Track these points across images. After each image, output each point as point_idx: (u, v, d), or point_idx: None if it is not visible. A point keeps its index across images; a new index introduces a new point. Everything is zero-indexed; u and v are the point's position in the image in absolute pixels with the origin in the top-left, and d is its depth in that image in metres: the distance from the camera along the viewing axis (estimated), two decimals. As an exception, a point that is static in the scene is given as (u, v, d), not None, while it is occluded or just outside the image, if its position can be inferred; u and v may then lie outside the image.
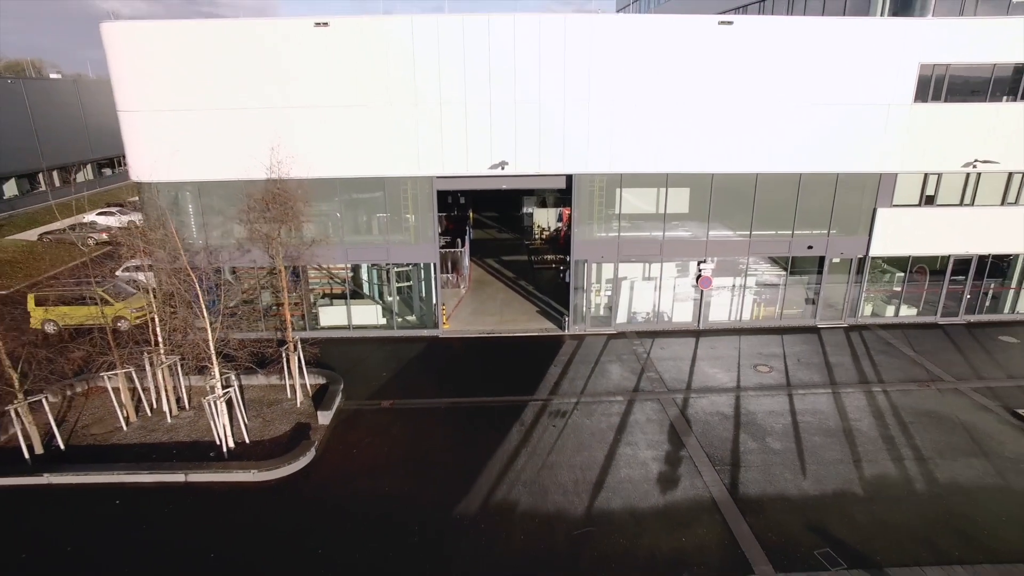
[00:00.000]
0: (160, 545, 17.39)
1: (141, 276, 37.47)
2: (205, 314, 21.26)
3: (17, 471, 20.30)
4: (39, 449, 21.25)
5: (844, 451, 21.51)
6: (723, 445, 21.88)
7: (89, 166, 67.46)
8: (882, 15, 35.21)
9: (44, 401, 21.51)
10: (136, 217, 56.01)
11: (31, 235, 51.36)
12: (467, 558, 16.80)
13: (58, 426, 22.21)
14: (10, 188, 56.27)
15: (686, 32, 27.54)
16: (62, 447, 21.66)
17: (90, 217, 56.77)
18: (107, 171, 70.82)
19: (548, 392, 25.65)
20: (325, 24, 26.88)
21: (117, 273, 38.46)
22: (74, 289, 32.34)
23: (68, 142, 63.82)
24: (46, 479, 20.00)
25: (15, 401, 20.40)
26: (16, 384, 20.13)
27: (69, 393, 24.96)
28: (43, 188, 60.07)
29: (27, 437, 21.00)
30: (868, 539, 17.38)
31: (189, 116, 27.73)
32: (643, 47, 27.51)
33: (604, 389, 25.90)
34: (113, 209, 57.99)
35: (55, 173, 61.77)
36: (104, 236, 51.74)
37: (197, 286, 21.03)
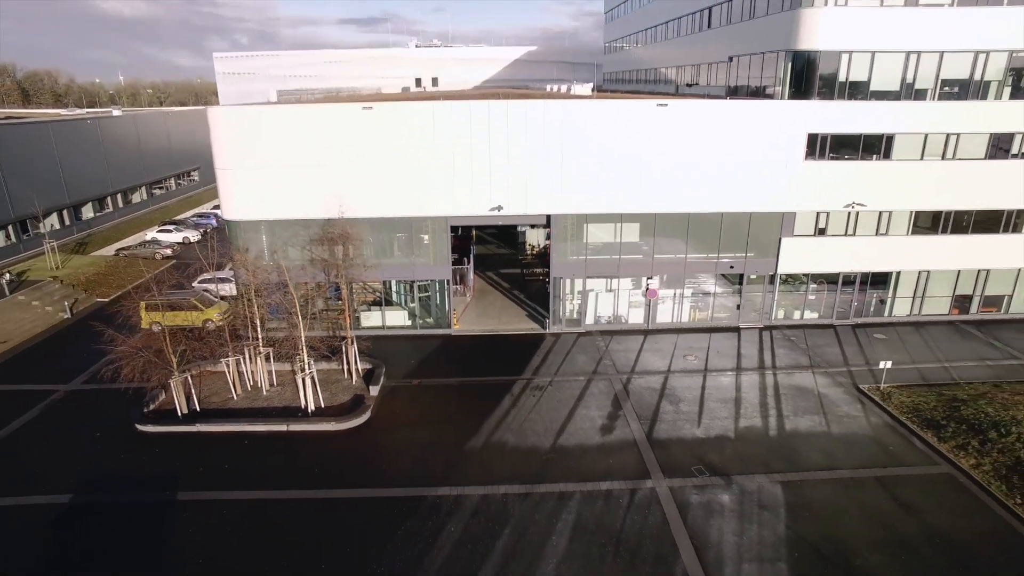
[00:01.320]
0: (281, 466, 27.51)
1: (213, 287, 47.79)
2: (300, 319, 31.42)
3: (177, 423, 30.48)
4: (184, 410, 31.38)
5: (730, 412, 31.64)
6: (648, 408, 32.01)
7: (143, 188, 77.65)
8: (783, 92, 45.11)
9: (188, 377, 31.68)
10: (191, 234, 66.56)
11: (109, 251, 61.53)
12: (475, 475, 26.89)
13: (188, 396, 32.39)
14: (87, 211, 66.38)
15: (634, 112, 37.69)
16: (198, 408, 31.81)
17: (151, 235, 67.01)
18: (156, 191, 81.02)
19: (531, 373, 35.81)
20: (370, 107, 36.98)
21: (193, 285, 48.69)
22: (173, 298, 42.51)
23: (128, 168, 74.04)
24: (198, 428, 30.19)
25: (173, 376, 30.55)
26: (175, 364, 30.29)
27: (194, 373, 35.00)
28: (111, 209, 70.21)
29: (179, 401, 31.15)
30: (727, 462, 27.51)
31: (266, 172, 37.82)
32: (602, 122, 37.66)
33: (571, 371, 36.06)
34: (170, 227, 68.16)
35: (119, 196, 71.94)
36: (168, 252, 61.95)
37: (296, 299, 31.16)
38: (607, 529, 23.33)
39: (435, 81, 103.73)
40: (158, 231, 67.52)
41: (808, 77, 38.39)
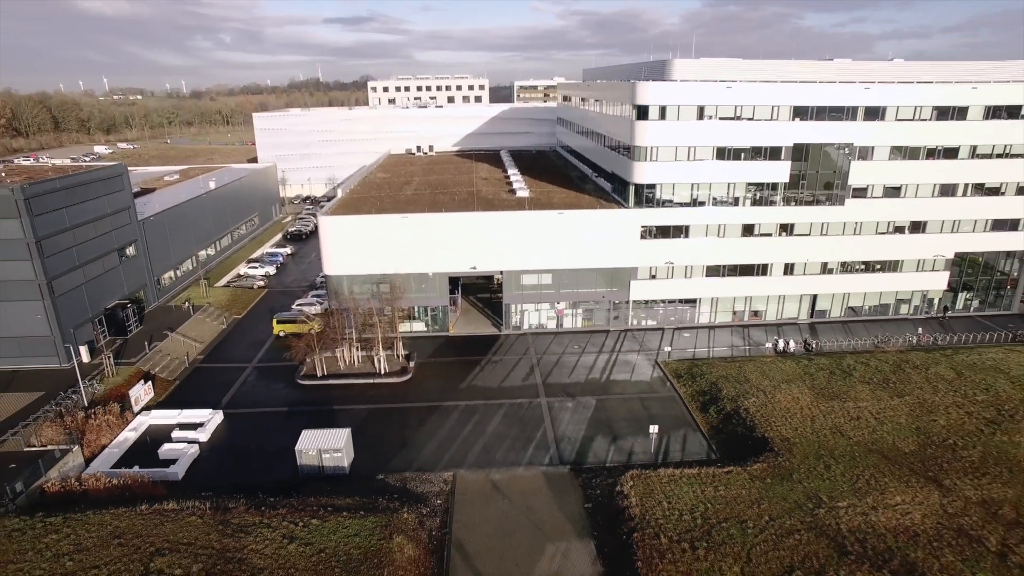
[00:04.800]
0: (371, 396, 60.66)
1: (307, 309, 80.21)
2: (381, 325, 64.50)
3: (318, 380, 63.56)
4: (321, 373, 64.33)
5: (587, 371, 65.13)
6: (547, 370, 65.47)
7: (230, 233, 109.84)
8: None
9: (320, 355, 64.87)
10: (270, 269, 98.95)
11: (222, 282, 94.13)
12: (461, 397, 60.14)
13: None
14: (202, 254, 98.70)
15: (544, 217, 71.07)
16: (326, 372, 64.81)
17: (243, 270, 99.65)
18: (236, 234, 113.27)
19: (492, 354, 69.19)
20: (407, 217, 69.98)
21: (292, 307, 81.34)
22: (289, 315, 75.31)
23: (224, 218, 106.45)
24: (329, 382, 63.29)
25: (314, 355, 63.54)
26: (316, 347, 63.29)
27: (324, 355, 67.61)
28: (214, 251, 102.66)
29: (318, 367, 64.13)
30: (576, 392, 60.97)
31: (356, 247, 70.67)
32: (529, 223, 70.97)
33: (512, 353, 69.49)
34: (256, 264, 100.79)
35: (219, 241, 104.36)
36: (262, 283, 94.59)
37: (380, 317, 64.25)
38: (517, 416, 56.76)
39: (431, 148, 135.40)
40: (247, 267, 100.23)
41: (640, 196, 72.02)
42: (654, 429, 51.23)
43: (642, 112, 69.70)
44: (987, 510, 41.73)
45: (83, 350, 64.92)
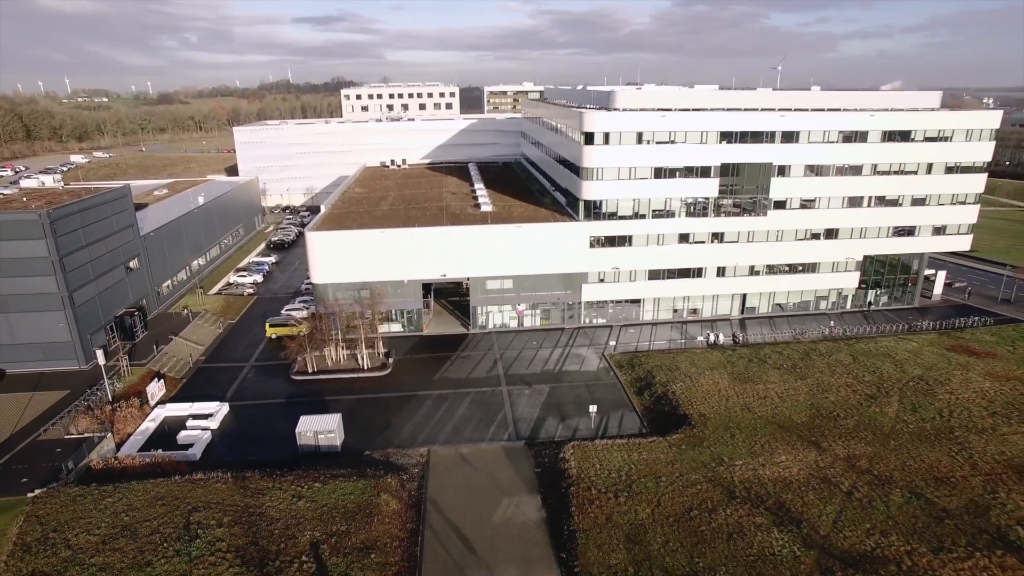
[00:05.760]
0: (356, 388, 70.45)
1: (295, 313, 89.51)
2: (363, 327, 74.29)
3: (309, 375, 73.16)
4: (312, 369, 73.89)
5: (543, 363, 75.64)
6: (509, 363, 75.84)
7: (218, 244, 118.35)
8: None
9: (311, 356, 74.44)
10: (258, 277, 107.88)
11: (214, 290, 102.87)
12: (434, 387, 70.21)
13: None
14: (195, 264, 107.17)
15: (504, 230, 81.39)
16: (316, 369, 74.39)
17: (233, 278, 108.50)
18: (223, 244, 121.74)
19: (460, 351, 79.37)
20: (384, 232, 79.84)
21: (282, 312, 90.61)
22: (280, 319, 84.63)
23: (213, 230, 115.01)
24: (318, 376, 72.93)
25: (306, 354, 73.12)
26: (307, 347, 72.87)
27: (313, 354, 77.05)
28: (205, 261, 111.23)
29: (309, 364, 73.71)
30: (532, 381, 71.42)
31: (339, 259, 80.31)
32: (493, 235, 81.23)
33: (478, 349, 79.75)
34: (244, 272, 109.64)
35: (209, 251, 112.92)
36: (251, 290, 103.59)
37: (362, 320, 74.01)
38: (482, 402, 67.01)
39: (404, 161, 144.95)
40: (236, 275, 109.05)
41: (589, 210, 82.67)
42: (593, 409, 61.78)
43: (589, 138, 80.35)
44: (848, 463, 53.04)
45: (99, 353, 73.63)
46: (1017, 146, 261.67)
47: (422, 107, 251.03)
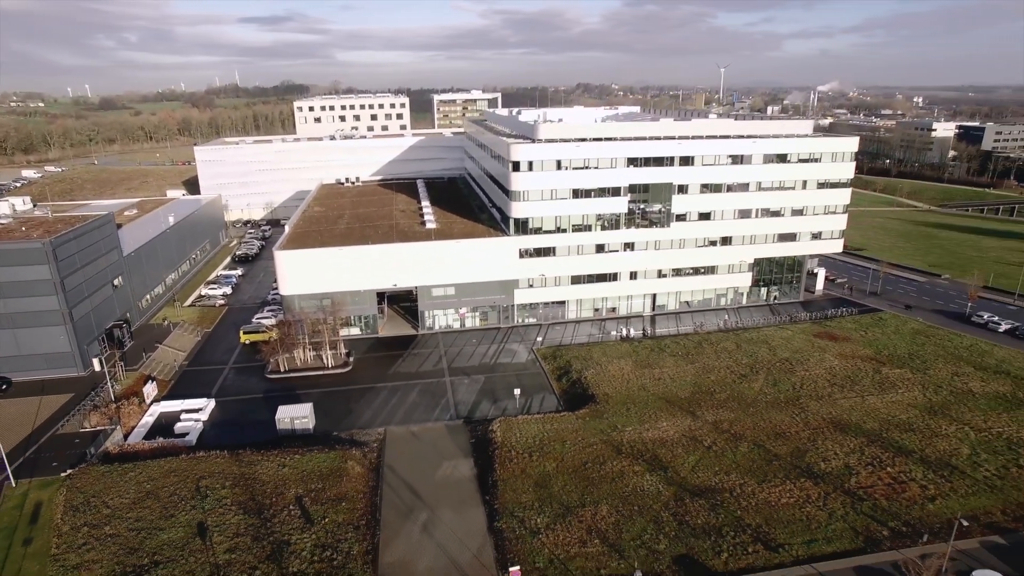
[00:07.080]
0: (322, 383, 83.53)
1: (265, 321, 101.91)
2: (327, 331, 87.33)
3: (280, 374, 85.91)
4: (283, 369, 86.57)
5: (481, 358, 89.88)
6: (452, 358, 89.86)
7: (188, 259, 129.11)
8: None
9: (283, 358, 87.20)
10: (227, 289, 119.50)
11: (188, 302, 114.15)
12: (388, 380, 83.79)
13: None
14: (169, 278, 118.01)
15: (444, 246, 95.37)
16: (286, 368, 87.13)
17: (204, 291, 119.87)
18: (193, 258, 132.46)
19: (411, 349, 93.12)
20: (343, 249, 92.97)
21: (252, 320, 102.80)
22: (251, 326, 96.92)
23: (184, 247, 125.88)
24: (289, 375, 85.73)
25: (278, 356, 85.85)
26: (280, 349, 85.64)
27: (284, 356, 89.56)
28: (177, 275, 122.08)
29: (281, 365, 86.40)
30: (469, 372, 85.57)
31: (304, 273, 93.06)
32: (438, 250, 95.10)
33: (425, 347, 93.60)
34: (214, 285, 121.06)
35: (182, 266, 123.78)
36: (223, 301, 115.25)
37: (325, 325, 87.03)
38: (430, 390, 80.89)
39: (358, 178, 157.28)
40: (207, 288, 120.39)
41: (518, 226, 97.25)
42: (517, 391, 76.38)
43: (516, 166, 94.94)
44: (714, 427, 68.74)
45: (95, 361, 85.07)
46: (920, 148, 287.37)
47: (373, 117, 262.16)
